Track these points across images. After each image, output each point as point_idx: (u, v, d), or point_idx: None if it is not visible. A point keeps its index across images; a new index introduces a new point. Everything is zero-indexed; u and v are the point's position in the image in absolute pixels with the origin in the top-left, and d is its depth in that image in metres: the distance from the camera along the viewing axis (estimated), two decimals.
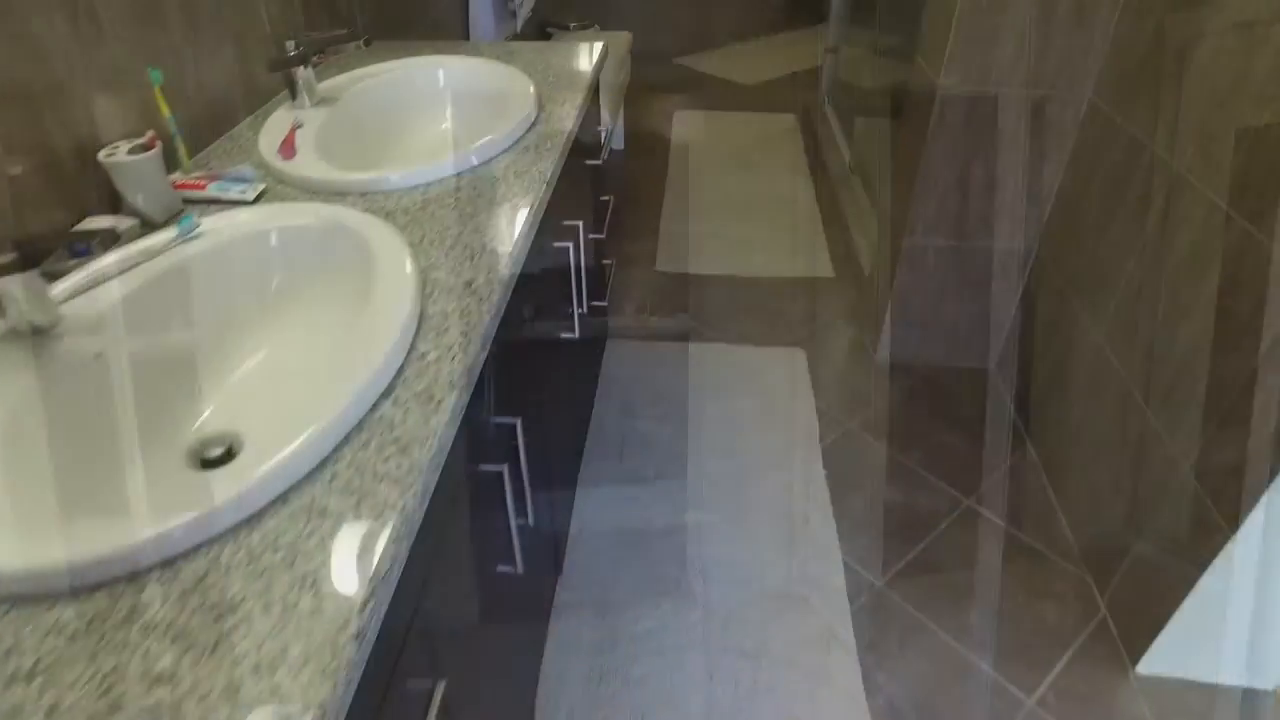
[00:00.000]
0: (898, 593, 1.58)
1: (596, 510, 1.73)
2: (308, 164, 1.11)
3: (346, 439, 0.68)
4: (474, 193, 1.05)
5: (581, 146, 1.51)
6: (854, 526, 1.71)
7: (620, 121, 3.24)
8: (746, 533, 1.68)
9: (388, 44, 1.64)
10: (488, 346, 0.81)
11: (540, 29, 3.60)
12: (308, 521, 0.60)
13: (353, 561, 0.57)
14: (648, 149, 3.38)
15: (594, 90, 1.60)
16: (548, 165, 1.13)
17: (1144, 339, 1.46)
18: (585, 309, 1.43)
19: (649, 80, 4.10)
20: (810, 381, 2.08)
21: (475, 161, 1.13)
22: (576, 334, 1.37)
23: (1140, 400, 1.46)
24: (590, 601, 1.55)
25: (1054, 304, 1.82)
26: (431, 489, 0.67)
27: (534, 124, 1.26)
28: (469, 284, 0.86)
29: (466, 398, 0.75)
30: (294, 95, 1.28)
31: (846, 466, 1.85)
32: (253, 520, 0.60)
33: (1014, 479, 1.82)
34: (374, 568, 0.57)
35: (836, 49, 3.57)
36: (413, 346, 0.78)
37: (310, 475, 0.64)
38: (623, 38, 3.13)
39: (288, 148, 1.14)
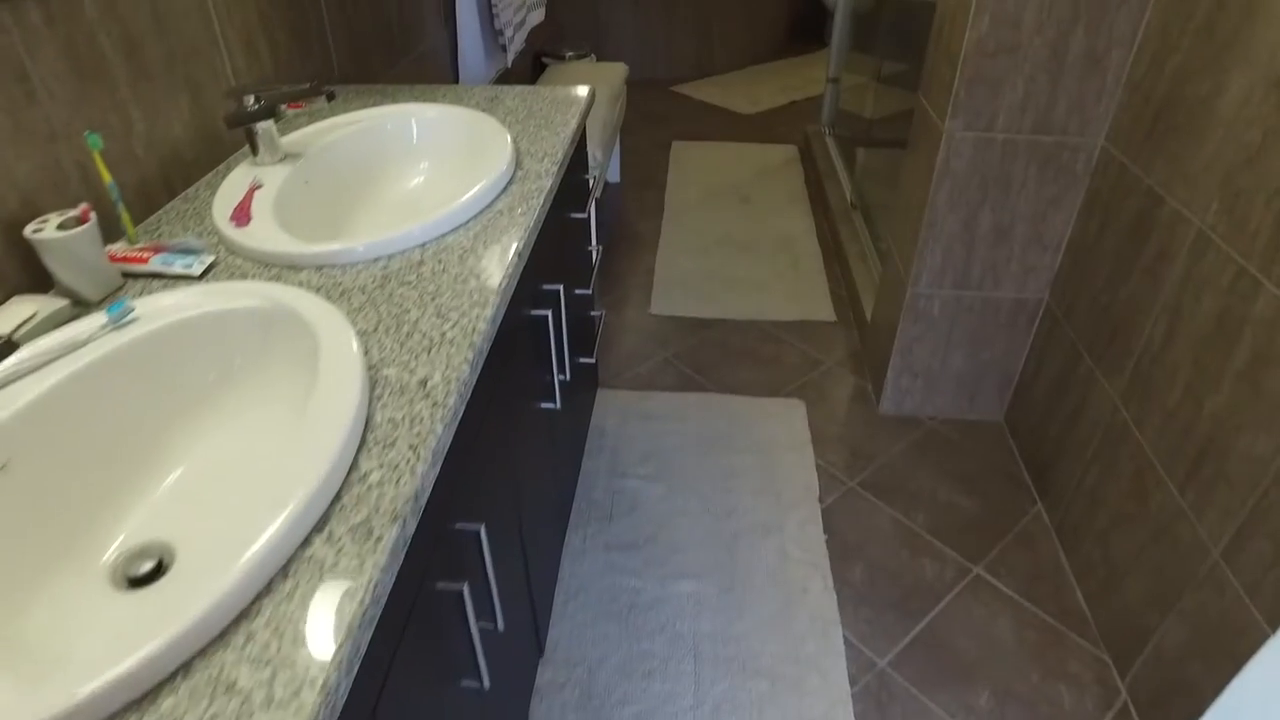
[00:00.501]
0: (902, 674, 1.47)
1: (583, 580, 1.63)
2: (263, 232, 1.02)
3: (269, 587, 0.58)
4: (439, 267, 0.96)
5: (566, 198, 1.42)
6: (856, 597, 1.61)
7: (615, 154, 3.17)
8: (741, 604, 1.58)
9: (364, 88, 1.57)
10: (439, 462, 0.72)
11: (535, 60, 3.54)
12: (210, 702, 0.51)
13: None
14: (644, 181, 3.30)
15: (580, 137, 1.52)
16: (521, 232, 1.04)
17: (1165, 406, 1.36)
18: (568, 375, 1.34)
19: (646, 109, 4.04)
20: (810, 435, 1.99)
21: (444, 229, 1.04)
22: (558, 404, 1.28)
23: (1162, 471, 1.36)
24: (574, 682, 1.45)
25: (1066, 358, 1.73)
26: (363, 650, 0.57)
27: (510, 183, 1.18)
28: (424, 383, 0.77)
29: (413, 526, 0.66)
30: (255, 151, 1.19)
31: (848, 530, 1.75)
32: (143, 702, 0.51)
33: (1025, 545, 1.72)
34: None
35: (838, 79, 3.50)
36: (355, 464, 0.68)
37: (222, 636, 0.55)
38: (618, 69, 3.06)
39: (242, 213, 1.06)
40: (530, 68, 3.46)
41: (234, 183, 1.14)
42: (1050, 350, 1.81)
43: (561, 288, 1.25)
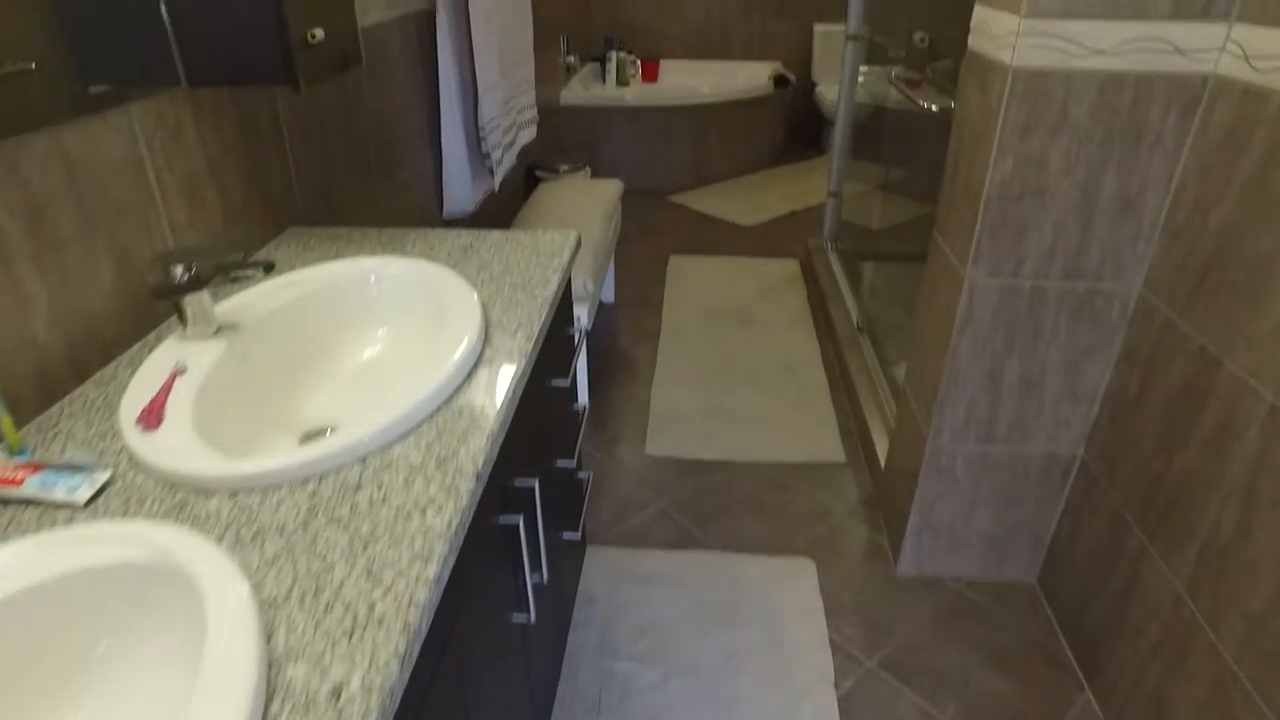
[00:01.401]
0: None
1: None
2: (173, 440, 0.85)
3: None
4: (379, 494, 0.79)
5: (547, 363, 1.26)
6: None
7: (610, 270, 3.04)
8: None
9: (327, 233, 1.42)
10: None
11: (528, 172, 3.46)
12: None
13: None
14: (640, 300, 3.16)
15: (565, 289, 1.37)
16: (484, 440, 0.87)
17: (1248, 609, 1.17)
18: (545, 577, 1.15)
19: (642, 220, 3.95)
20: (822, 602, 1.78)
21: (392, 435, 0.87)
22: (532, 617, 1.08)
23: (1251, 687, 1.15)
24: None
25: (1111, 525, 1.54)
26: None
27: (477, 364, 1.01)
28: (337, 694, 0.58)
29: None
30: (184, 324, 1.03)
31: None
32: None
33: None
34: None
35: (839, 193, 3.41)
36: None
37: None
38: (613, 187, 2.96)
39: (153, 412, 0.89)
40: (523, 181, 3.37)
41: (155, 365, 0.97)
42: (1090, 512, 1.63)
43: (537, 482, 1.07)
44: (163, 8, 1.11)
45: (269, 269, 1.00)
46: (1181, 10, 1.27)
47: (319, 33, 1.12)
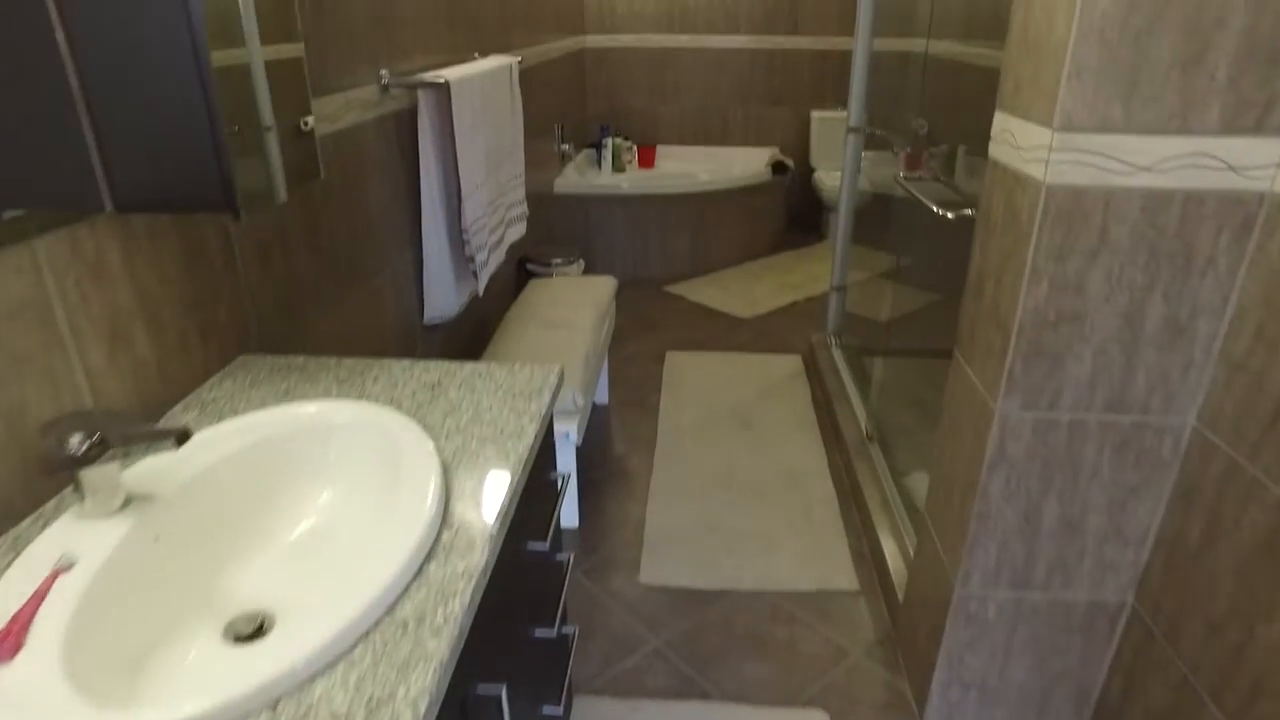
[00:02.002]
0: None
1: None
2: (27, 678, 0.67)
3: None
4: None
5: (522, 529, 1.08)
6: None
7: (604, 371, 2.88)
8: None
9: (278, 363, 1.26)
10: None
11: (519, 266, 3.34)
12: None
13: None
14: (635, 401, 3.00)
15: (546, 431, 1.20)
16: (429, 674, 0.69)
17: None
18: None
19: (637, 313, 3.81)
20: None
21: (315, 667, 0.69)
22: None
23: None
24: None
25: (1175, 695, 1.35)
26: None
27: (429, 556, 0.84)
28: None
29: None
30: (82, 500, 0.86)
31: None
32: None
33: None
34: None
35: (843, 287, 3.28)
36: None
37: None
38: (606, 285, 2.82)
39: (9, 637, 0.70)
40: (514, 276, 3.25)
41: (33, 560, 0.80)
42: (1145, 670, 1.43)
43: (504, 689, 0.88)
44: (85, 121, 0.97)
45: (182, 439, 0.83)
46: (1233, 125, 1.14)
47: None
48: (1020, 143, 1.28)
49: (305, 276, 1.54)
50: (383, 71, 1.84)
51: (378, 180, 1.85)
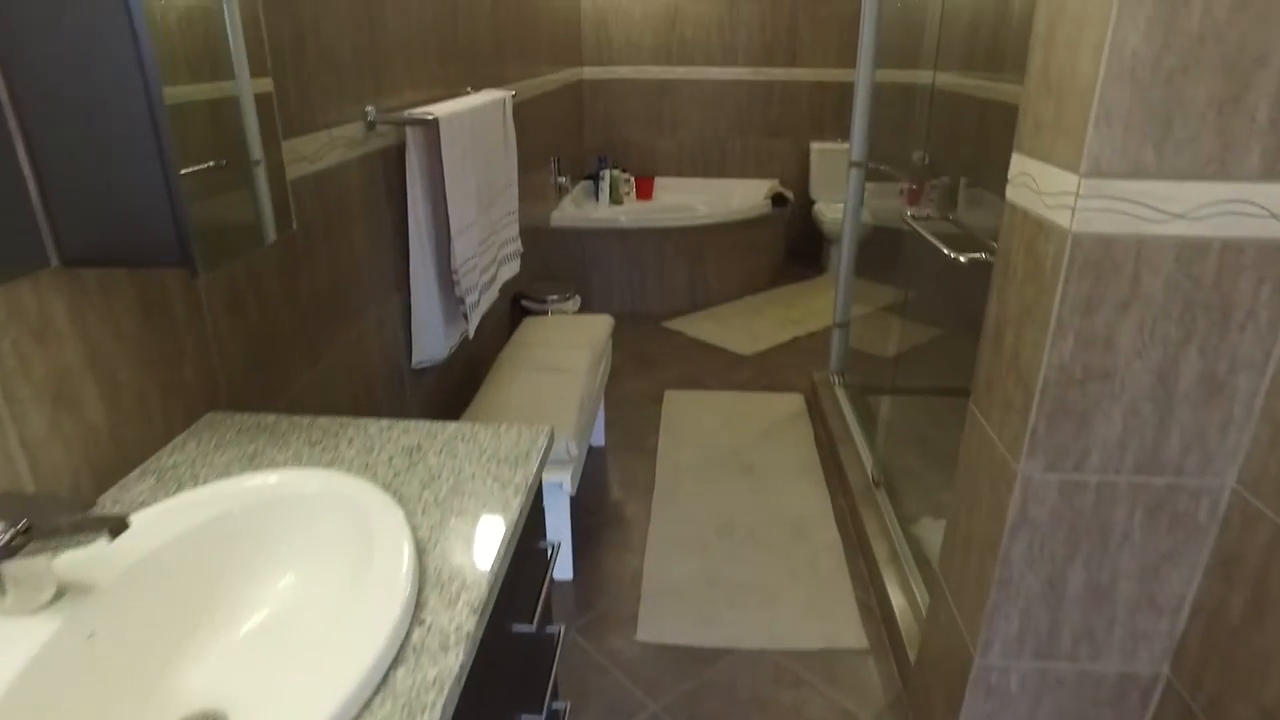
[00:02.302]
0: None
1: None
2: None
3: None
4: None
5: (506, 609, 0.98)
6: None
7: (601, 412, 2.79)
8: None
9: (246, 422, 1.17)
10: None
11: (514, 301, 3.25)
12: None
13: None
14: (632, 444, 2.90)
15: (535, 496, 1.11)
16: None
17: None
18: None
19: (635, 350, 3.72)
20: None
21: None
22: None
23: None
24: None
25: None
26: None
27: (397, 660, 0.74)
28: None
29: None
30: (3, 595, 0.76)
31: None
32: None
33: None
34: None
35: (846, 324, 3.19)
36: None
37: None
38: (602, 325, 2.74)
39: None
40: (508, 312, 3.16)
41: None
42: None
43: None
44: (27, 170, 0.89)
45: (117, 531, 0.74)
46: (1274, 170, 1.06)
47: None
48: (1042, 187, 1.20)
49: (283, 324, 1.45)
50: (369, 108, 1.76)
51: (363, 220, 1.77)
